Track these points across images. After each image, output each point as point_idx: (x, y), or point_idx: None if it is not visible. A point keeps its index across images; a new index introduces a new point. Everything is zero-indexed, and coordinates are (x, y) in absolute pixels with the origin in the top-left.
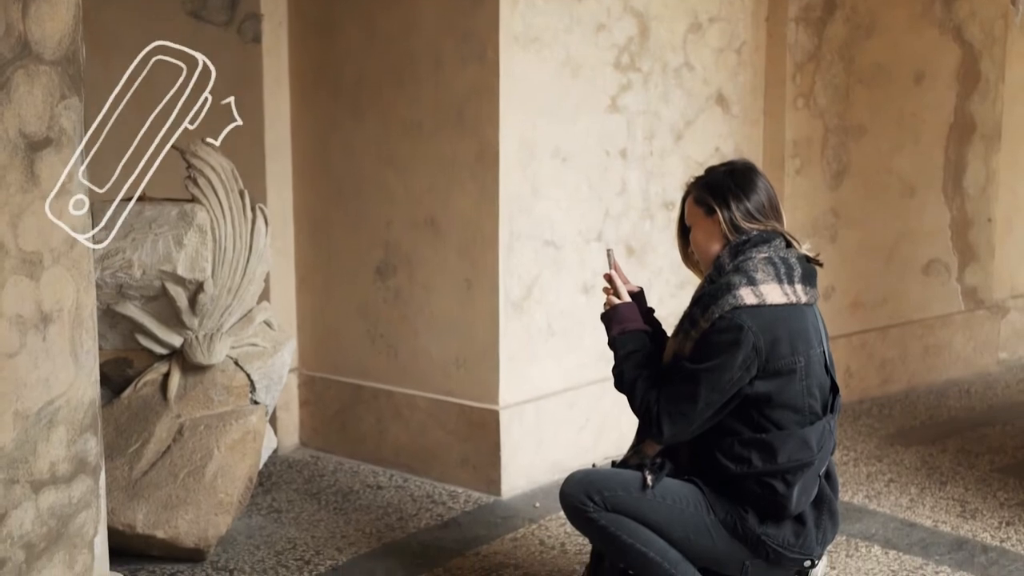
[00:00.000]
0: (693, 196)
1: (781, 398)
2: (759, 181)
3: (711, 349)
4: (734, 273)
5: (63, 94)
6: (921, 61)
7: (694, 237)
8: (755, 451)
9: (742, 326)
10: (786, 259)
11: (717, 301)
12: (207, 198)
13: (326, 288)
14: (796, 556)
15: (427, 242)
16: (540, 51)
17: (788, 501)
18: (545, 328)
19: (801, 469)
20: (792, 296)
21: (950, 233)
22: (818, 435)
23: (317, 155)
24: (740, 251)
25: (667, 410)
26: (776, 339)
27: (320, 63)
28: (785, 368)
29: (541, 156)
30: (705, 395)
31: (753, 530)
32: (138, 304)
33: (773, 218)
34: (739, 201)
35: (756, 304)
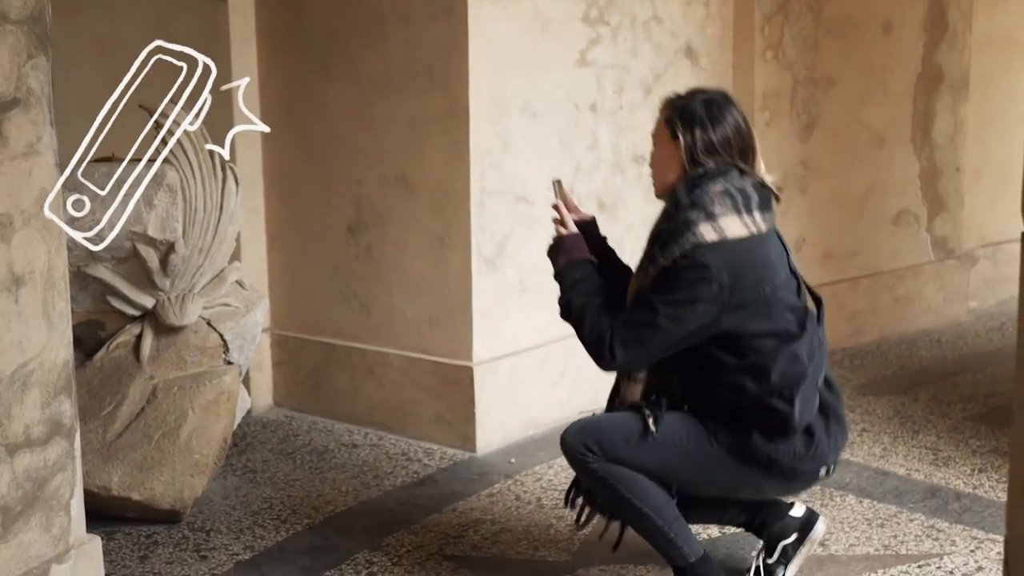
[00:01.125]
0: (665, 116)
1: (753, 327)
2: (730, 115)
3: (673, 284)
4: (691, 208)
5: (30, 53)
6: (889, 11)
7: (654, 155)
8: (747, 376)
9: (706, 265)
10: (742, 188)
11: (677, 239)
12: (177, 158)
13: (297, 247)
14: (810, 467)
15: (398, 200)
16: (508, 6)
17: (791, 417)
18: (518, 284)
19: (797, 383)
20: (752, 227)
21: (919, 183)
22: (807, 347)
23: (286, 114)
24: (696, 184)
25: (621, 336)
26: (739, 273)
27: (287, 20)
28: (750, 300)
29: (511, 112)
30: (664, 326)
31: (762, 450)
32: (109, 266)
33: (737, 155)
34: (704, 131)
35: (717, 240)
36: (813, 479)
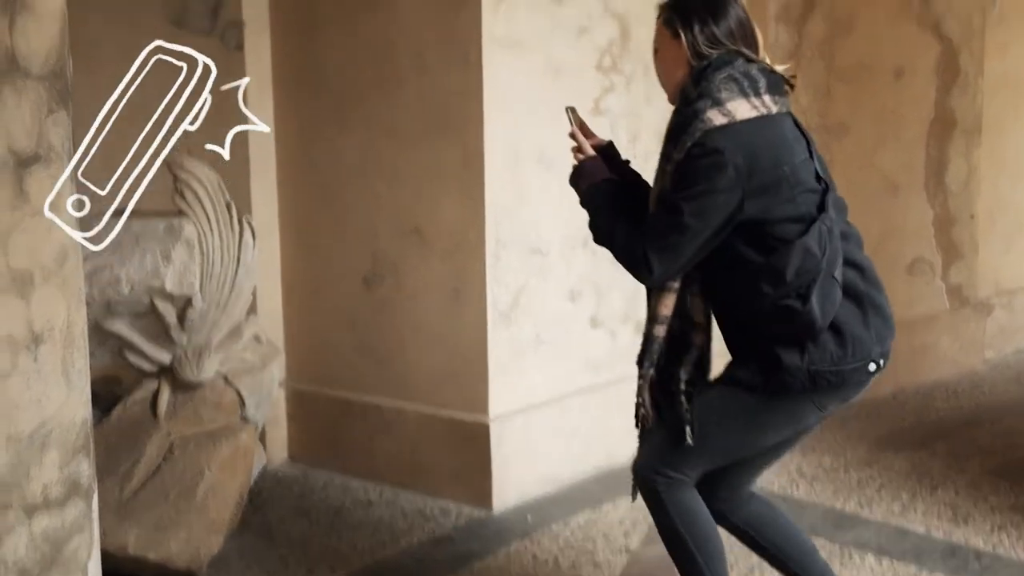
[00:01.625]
0: (662, 18)
1: (774, 213)
2: (730, 6)
3: (690, 177)
4: (699, 99)
5: (51, 108)
6: (901, 57)
7: (659, 60)
8: (761, 278)
9: (718, 148)
10: (747, 72)
11: (687, 129)
12: (194, 211)
13: (313, 299)
14: (854, 365)
15: (414, 251)
16: (523, 55)
17: (812, 315)
18: (533, 337)
19: (813, 280)
20: (761, 108)
21: (933, 231)
22: (817, 239)
23: (302, 163)
24: (703, 76)
25: (653, 246)
26: (754, 154)
27: (303, 69)
28: (770, 181)
29: (526, 161)
30: (691, 223)
31: (799, 369)
32: (127, 321)
33: (742, 43)
34: (704, 24)
35: (726, 123)
36: (865, 377)
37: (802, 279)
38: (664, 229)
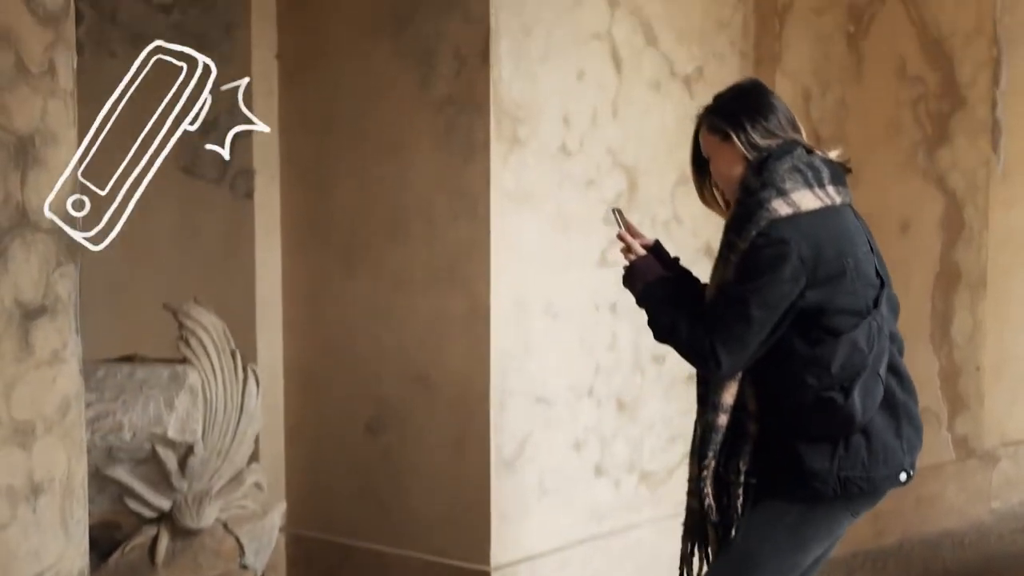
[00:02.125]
0: (706, 125)
1: (836, 303)
2: (771, 99)
3: (756, 267)
4: (762, 189)
5: (59, 261)
6: (906, 210)
7: (715, 167)
8: (807, 369)
9: (783, 239)
10: (811, 163)
11: (752, 219)
12: (199, 359)
13: (316, 444)
14: (885, 473)
15: (418, 398)
16: (531, 207)
17: (853, 409)
18: (537, 486)
19: (857, 375)
20: (826, 199)
21: (939, 382)
22: (866, 335)
23: (308, 309)
24: (763, 167)
25: (721, 339)
26: (819, 245)
27: (312, 217)
28: (835, 272)
29: (533, 311)
30: (758, 315)
31: (828, 472)
32: (127, 467)
33: (791, 131)
34: (754, 120)
35: (792, 214)
36: (895, 485)
37: (847, 373)
38: (730, 321)
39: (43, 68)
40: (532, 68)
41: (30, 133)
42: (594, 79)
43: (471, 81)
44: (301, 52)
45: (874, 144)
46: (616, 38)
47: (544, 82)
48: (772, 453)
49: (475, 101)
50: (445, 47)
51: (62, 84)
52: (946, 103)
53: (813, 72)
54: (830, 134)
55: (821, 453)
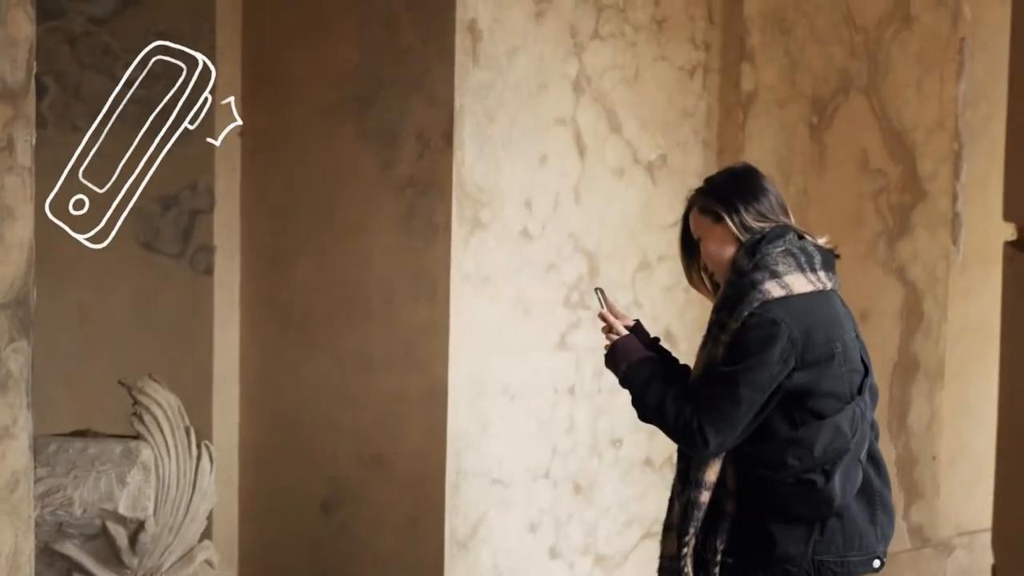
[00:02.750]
0: (698, 207)
1: (822, 387)
2: (764, 182)
3: (746, 348)
4: (755, 271)
5: (12, 337)
6: (866, 300)
7: (705, 248)
8: (789, 451)
9: (775, 320)
10: (804, 248)
11: (744, 299)
12: (152, 435)
13: (270, 523)
14: (859, 558)
15: (373, 478)
16: (491, 291)
17: (832, 491)
18: (491, 568)
19: (839, 458)
20: (817, 283)
21: (896, 470)
22: (849, 420)
23: (265, 387)
24: (756, 249)
25: (709, 419)
26: (810, 328)
27: (271, 295)
28: (823, 356)
29: (490, 394)
30: (747, 396)
31: (803, 555)
32: (77, 542)
33: (783, 215)
34: (746, 203)
35: (784, 296)
36: (868, 571)
37: (829, 456)
38: (719, 400)
39: (1, 144)
40: (495, 152)
41: None
42: (557, 164)
43: (434, 163)
44: (265, 131)
45: (836, 235)
46: (580, 124)
47: (507, 166)
48: (747, 533)
49: (437, 183)
50: (408, 129)
51: (19, 160)
52: (907, 196)
53: (776, 163)
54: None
55: (796, 536)
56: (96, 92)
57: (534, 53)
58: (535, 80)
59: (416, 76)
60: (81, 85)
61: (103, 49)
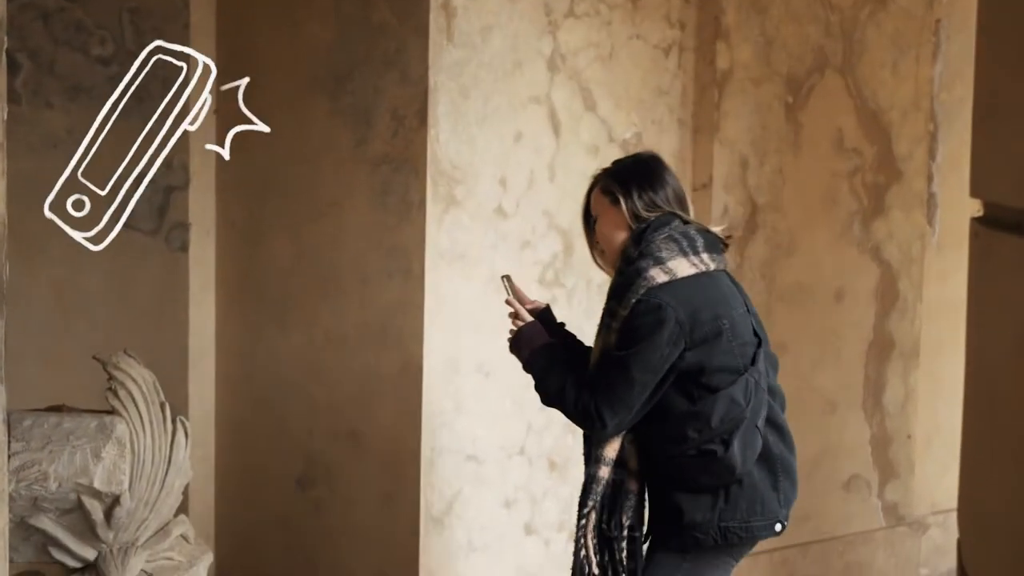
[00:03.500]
0: (600, 186)
1: (713, 363)
2: (665, 173)
3: (635, 333)
4: (640, 259)
5: None
6: (841, 280)
7: (599, 227)
8: (689, 424)
9: (660, 304)
10: (686, 232)
11: (631, 287)
12: (127, 410)
13: (246, 498)
14: (762, 523)
15: (349, 454)
16: (465, 268)
17: (733, 460)
18: (466, 543)
19: (735, 427)
20: (700, 265)
21: (870, 449)
22: (743, 390)
23: (241, 363)
24: (641, 238)
25: (605, 401)
26: (695, 309)
27: (247, 273)
28: (711, 333)
29: (465, 371)
30: (639, 377)
31: (709, 522)
32: (52, 517)
33: (677, 207)
34: (643, 191)
35: (668, 281)
36: (769, 535)
37: (726, 426)
38: (614, 384)
39: None
40: (470, 129)
41: None
42: (532, 142)
43: (408, 141)
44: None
45: (810, 214)
46: (555, 102)
47: (481, 143)
48: (655, 507)
49: (411, 161)
50: (383, 107)
51: None
52: (882, 175)
53: (751, 141)
54: (766, 203)
55: (702, 505)
56: (70, 68)
57: (508, 31)
58: (510, 58)
59: (390, 54)
60: (55, 62)
61: (76, 25)
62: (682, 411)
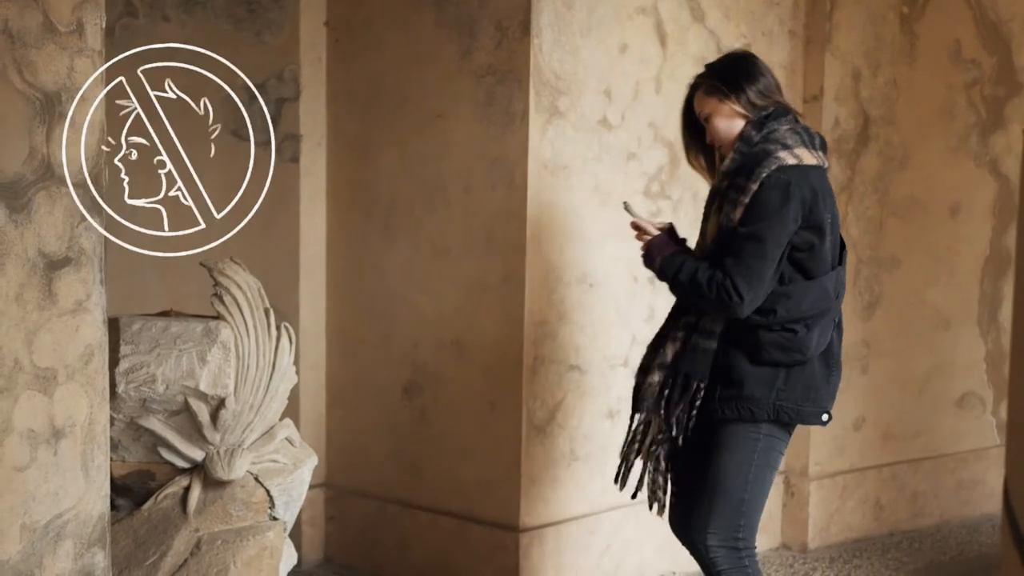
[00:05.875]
0: (703, 88)
1: (817, 249)
2: (761, 65)
3: (766, 207)
4: (766, 142)
5: (83, 216)
6: (956, 194)
7: (714, 126)
8: (780, 302)
9: (790, 181)
10: (807, 128)
11: (762, 163)
12: (232, 315)
13: (355, 405)
14: (811, 410)
15: (453, 363)
16: (568, 178)
17: (809, 342)
18: (568, 453)
19: (821, 315)
20: (818, 159)
21: (985, 366)
22: (833, 283)
23: (350, 274)
24: (764, 124)
25: (740, 274)
26: (815, 194)
27: (355, 184)
28: (820, 221)
29: (568, 281)
30: (770, 251)
31: (766, 398)
32: (161, 418)
33: (779, 95)
34: (750, 83)
35: (796, 164)
36: (816, 422)
37: (813, 311)
38: (749, 258)
39: (71, 27)
40: (574, 41)
41: (56, 90)
42: (637, 53)
43: (511, 52)
44: (348, 20)
45: (925, 127)
46: (661, 13)
47: (585, 55)
48: (722, 372)
49: (514, 72)
50: (486, 18)
51: (90, 43)
52: (1001, 88)
53: (864, 53)
54: (879, 115)
55: (764, 379)
56: None
57: None
58: None
59: None
60: None
61: None
62: (775, 290)
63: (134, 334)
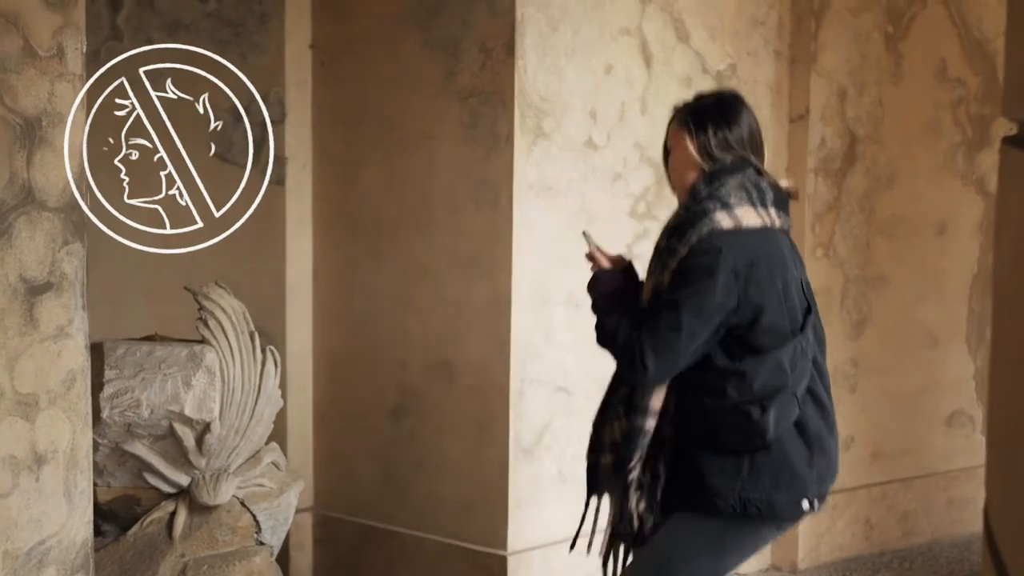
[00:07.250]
0: (677, 119)
1: (763, 322)
2: (743, 113)
3: (691, 274)
4: (708, 200)
5: (65, 240)
6: (943, 212)
7: (672, 160)
8: (730, 382)
9: (720, 248)
10: (758, 184)
11: (694, 226)
12: (217, 340)
13: (342, 428)
14: (784, 499)
15: (440, 385)
16: (554, 199)
17: (766, 424)
18: (556, 474)
19: (776, 393)
20: (766, 219)
21: (974, 384)
22: (790, 356)
23: (336, 296)
24: (714, 178)
25: (650, 343)
26: (754, 263)
27: (342, 205)
28: (765, 291)
29: (554, 302)
30: (688, 322)
31: (730, 489)
32: (146, 443)
33: (751, 151)
34: (719, 129)
35: (732, 228)
36: (796, 513)
37: (767, 390)
38: (661, 326)
39: (51, 52)
40: (558, 62)
41: (37, 115)
42: (622, 74)
43: (495, 73)
44: (334, 42)
45: (911, 145)
46: (646, 34)
47: (570, 76)
48: (679, 463)
49: (499, 93)
50: (471, 40)
51: (70, 67)
52: (987, 106)
53: (849, 72)
54: (866, 134)
55: (726, 470)
56: (171, 5)
57: None
58: None
59: None
60: None
61: None
62: (724, 368)
63: (118, 359)
